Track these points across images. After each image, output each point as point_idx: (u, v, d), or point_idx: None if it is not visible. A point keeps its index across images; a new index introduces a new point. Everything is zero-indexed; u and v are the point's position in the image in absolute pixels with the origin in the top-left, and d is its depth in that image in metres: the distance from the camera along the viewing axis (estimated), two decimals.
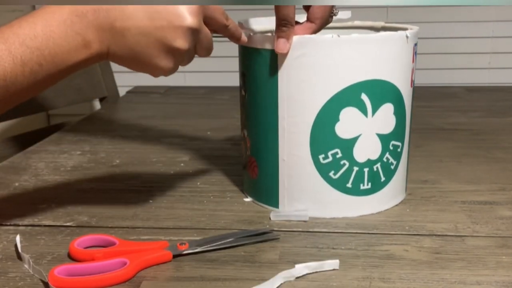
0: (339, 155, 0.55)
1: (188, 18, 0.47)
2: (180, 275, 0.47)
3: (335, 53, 0.52)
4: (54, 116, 1.49)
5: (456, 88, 1.29)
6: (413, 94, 0.60)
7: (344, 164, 0.56)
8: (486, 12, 1.33)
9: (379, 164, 0.57)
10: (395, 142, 0.58)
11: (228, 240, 0.52)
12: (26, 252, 0.50)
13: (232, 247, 0.51)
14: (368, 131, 0.55)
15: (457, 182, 0.67)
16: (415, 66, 0.59)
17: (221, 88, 1.31)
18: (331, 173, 0.56)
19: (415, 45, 0.57)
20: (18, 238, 0.52)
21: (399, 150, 0.59)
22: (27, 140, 0.93)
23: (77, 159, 0.79)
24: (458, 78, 1.37)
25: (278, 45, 0.53)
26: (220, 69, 1.34)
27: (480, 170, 0.72)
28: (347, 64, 0.53)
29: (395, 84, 0.55)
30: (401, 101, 0.57)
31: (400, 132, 0.58)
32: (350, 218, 0.57)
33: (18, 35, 0.45)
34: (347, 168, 0.56)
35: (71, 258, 0.50)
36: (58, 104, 1.09)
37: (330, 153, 0.55)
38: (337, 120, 0.54)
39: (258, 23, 0.64)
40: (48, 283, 0.44)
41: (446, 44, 1.36)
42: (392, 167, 0.59)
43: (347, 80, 0.53)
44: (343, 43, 0.52)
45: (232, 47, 0.60)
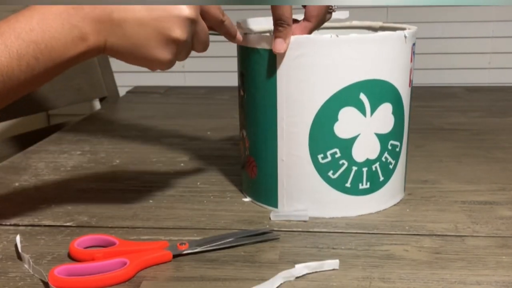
0: (338, 154, 0.55)
1: (186, 8, 0.47)
2: (180, 275, 0.47)
3: (334, 53, 0.52)
4: (54, 116, 1.49)
5: (456, 88, 1.29)
6: (411, 94, 0.60)
7: (343, 164, 0.56)
8: (486, 12, 1.33)
9: (377, 164, 0.57)
10: (393, 142, 0.58)
11: (228, 240, 0.52)
12: (26, 252, 0.50)
13: (232, 247, 0.51)
14: (366, 130, 0.55)
15: (457, 182, 0.67)
16: (413, 66, 0.59)
17: (221, 88, 1.31)
18: (330, 172, 0.56)
19: (413, 45, 0.58)
20: (18, 238, 0.52)
21: (397, 150, 0.59)
22: (27, 140, 0.93)
23: (77, 159, 0.79)
24: (458, 78, 1.37)
25: (275, 45, 0.52)
26: (220, 69, 1.34)
27: (480, 170, 0.72)
28: (346, 64, 0.53)
29: (393, 84, 0.55)
30: (399, 100, 0.57)
31: (398, 131, 0.58)
32: (350, 218, 0.57)
33: (14, 29, 0.45)
34: (346, 167, 0.56)
35: (71, 258, 0.50)
36: (58, 104, 1.09)
37: (329, 152, 0.55)
38: (336, 120, 0.54)
39: (256, 23, 0.64)
40: (48, 283, 0.44)
41: (446, 44, 1.36)
42: (391, 167, 0.59)
43: (346, 80, 0.53)
44: (342, 43, 0.52)
45: (232, 47, 0.60)
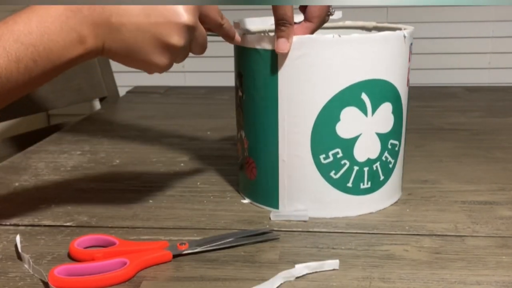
0: (340, 154, 0.55)
1: (184, 15, 0.47)
2: (180, 275, 0.47)
3: (337, 53, 0.52)
4: (54, 116, 1.49)
5: (456, 88, 1.29)
6: (408, 93, 0.60)
7: (344, 164, 0.56)
8: (486, 12, 1.33)
9: (378, 163, 0.57)
10: (393, 141, 0.58)
11: (228, 240, 0.52)
12: (26, 252, 0.50)
13: (232, 247, 0.51)
14: (368, 130, 0.55)
15: (457, 182, 0.67)
16: (410, 66, 0.59)
17: (221, 88, 1.31)
18: (331, 173, 0.56)
19: (411, 44, 0.58)
20: (18, 238, 0.52)
21: (396, 149, 0.59)
22: (27, 140, 0.93)
23: (77, 159, 0.79)
24: (458, 78, 1.37)
25: (279, 45, 0.52)
26: (220, 69, 1.34)
27: (480, 170, 0.72)
28: (348, 64, 0.53)
29: (393, 83, 0.56)
30: (398, 100, 0.57)
31: (398, 131, 0.59)
32: (350, 218, 0.57)
33: (13, 32, 0.45)
34: (348, 167, 0.56)
35: (71, 258, 0.50)
36: (58, 104, 1.09)
37: (331, 153, 0.55)
38: (338, 120, 0.54)
39: (252, 23, 0.64)
40: (48, 283, 0.44)
41: (446, 44, 1.36)
42: (390, 166, 0.59)
43: (348, 79, 0.53)
44: (344, 43, 0.52)
45: (232, 47, 0.60)
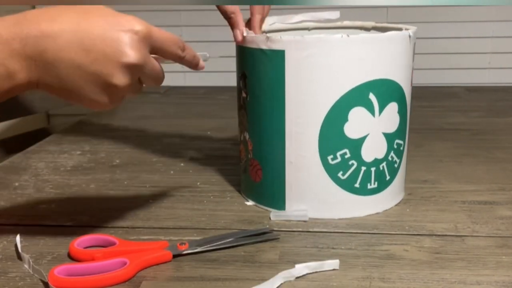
0: (348, 155, 0.55)
1: (128, 53, 0.42)
2: (180, 275, 0.47)
3: (345, 53, 0.52)
4: (54, 116, 1.49)
5: (456, 88, 1.29)
6: (411, 93, 0.60)
7: (352, 164, 0.55)
8: (486, 12, 1.33)
9: (385, 163, 0.57)
10: (398, 141, 0.58)
11: (228, 240, 0.52)
12: (26, 252, 0.50)
13: (232, 247, 0.51)
14: (375, 130, 0.55)
15: (457, 182, 0.67)
16: (413, 65, 0.59)
17: (221, 88, 1.31)
18: (339, 173, 0.56)
19: (414, 44, 0.58)
20: (18, 238, 0.51)
21: (401, 149, 0.59)
22: (27, 140, 0.93)
23: (77, 159, 0.79)
24: (458, 78, 1.37)
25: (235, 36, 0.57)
26: (220, 69, 1.33)
27: (480, 170, 0.72)
28: (356, 63, 0.52)
29: (399, 83, 0.56)
30: (404, 100, 0.57)
31: (402, 130, 0.59)
32: (350, 218, 0.57)
33: None
34: (355, 168, 0.56)
35: (71, 258, 0.50)
36: (58, 104, 1.09)
37: (338, 153, 0.55)
38: (346, 120, 0.54)
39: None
40: (48, 283, 0.44)
41: (446, 44, 1.36)
42: (396, 166, 0.59)
43: (356, 79, 0.53)
44: (353, 42, 0.52)
45: (232, 47, 0.60)
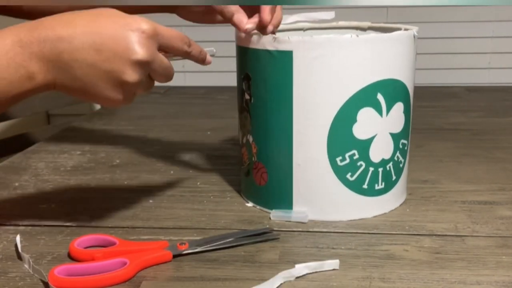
0: (356, 156, 0.55)
1: (137, 51, 0.45)
2: (180, 275, 0.47)
3: (354, 53, 0.52)
4: (54, 116, 1.49)
5: (456, 88, 1.30)
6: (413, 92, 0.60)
7: (361, 165, 0.55)
8: (486, 12, 1.33)
9: (391, 164, 0.57)
10: (403, 141, 0.58)
11: (228, 240, 0.52)
12: (26, 252, 0.50)
13: (232, 247, 0.51)
14: (382, 130, 0.55)
15: (457, 182, 0.67)
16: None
17: (221, 88, 1.31)
18: (348, 175, 0.55)
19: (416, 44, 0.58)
20: (18, 238, 0.52)
21: (406, 148, 0.59)
22: (27, 140, 0.93)
23: (77, 159, 0.79)
24: (458, 78, 1.37)
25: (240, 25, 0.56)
26: (220, 69, 1.33)
27: (480, 170, 0.72)
28: (365, 64, 0.52)
29: (405, 83, 0.56)
30: (408, 99, 0.57)
31: (407, 130, 0.59)
32: (351, 218, 0.57)
33: None
34: (364, 169, 0.55)
35: (71, 258, 0.50)
36: (58, 104, 1.09)
37: (347, 154, 0.54)
38: (354, 121, 0.53)
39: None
40: (48, 283, 0.44)
41: (446, 44, 1.36)
42: (401, 165, 0.59)
43: (365, 80, 0.53)
44: (362, 43, 0.52)
45: (232, 47, 0.60)
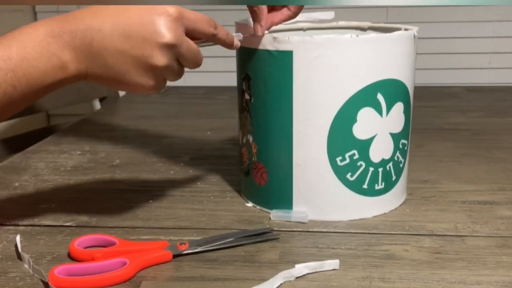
0: (356, 156, 0.55)
1: (164, 34, 0.46)
2: (180, 275, 0.47)
3: (355, 53, 0.52)
4: (54, 116, 1.49)
5: (456, 88, 1.29)
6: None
7: (361, 165, 0.55)
8: (486, 12, 1.33)
9: (391, 164, 0.57)
10: (403, 141, 0.58)
11: (228, 240, 0.52)
12: (26, 252, 0.50)
13: (232, 247, 0.51)
14: (382, 130, 0.55)
15: (457, 182, 0.67)
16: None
17: (221, 88, 1.31)
18: (348, 175, 0.55)
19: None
20: (18, 238, 0.52)
21: (406, 148, 0.59)
22: (27, 140, 0.93)
23: (77, 159, 0.79)
24: (458, 78, 1.37)
25: (255, 30, 0.54)
26: (220, 69, 1.33)
27: (480, 170, 0.72)
28: (365, 64, 0.52)
29: (405, 83, 0.56)
30: (408, 99, 0.57)
31: (407, 130, 0.59)
32: (351, 218, 0.57)
33: None
34: (364, 169, 0.55)
35: (71, 258, 0.50)
36: (58, 104, 1.09)
37: (347, 154, 0.54)
38: (354, 121, 0.53)
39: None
40: (48, 283, 0.44)
41: (446, 44, 1.36)
42: (401, 165, 0.59)
43: (365, 80, 0.53)
44: (362, 43, 0.52)
45: None
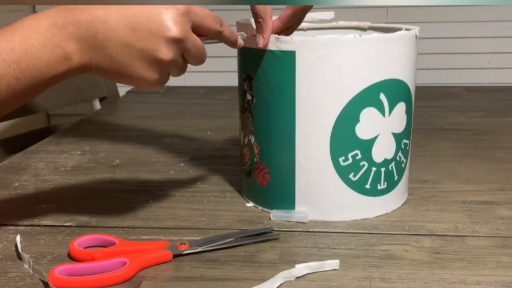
0: (359, 156, 0.55)
1: (170, 28, 0.45)
2: (180, 275, 0.47)
3: (357, 53, 0.52)
4: (54, 116, 1.49)
5: (456, 88, 1.29)
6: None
7: (363, 165, 0.55)
8: (486, 12, 1.33)
9: (393, 163, 0.57)
10: (405, 141, 0.58)
11: (228, 240, 0.52)
12: (26, 252, 0.50)
13: (232, 247, 0.51)
14: (384, 130, 0.55)
15: (457, 182, 0.67)
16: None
17: (221, 88, 1.31)
18: (350, 175, 0.55)
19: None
20: (18, 238, 0.52)
21: (407, 148, 0.59)
22: (27, 140, 0.93)
23: (77, 159, 0.79)
24: (458, 78, 1.37)
25: (256, 40, 0.53)
26: (220, 69, 1.34)
27: (480, 170, 0.72)
28: (368, 64, 0.52)
29: (407, 82, 0.56)
30: (410, 99, 0.57)
31: (409, 130, 0.59)
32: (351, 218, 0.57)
33: None
34: (366, 169, 0.55)
35: (71, 258, 0.50)
36: (58, 104, 1.09)
37: (350, 154, 0.54)
38: (357, 121, 0.53)
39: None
40: (48, 283, 0.44)
41: (446, 44, 1.36)
42: (403, 165, 0.59)
43: (368, 80, 0.53)
44: (365, 43, 0.52)
45: None
